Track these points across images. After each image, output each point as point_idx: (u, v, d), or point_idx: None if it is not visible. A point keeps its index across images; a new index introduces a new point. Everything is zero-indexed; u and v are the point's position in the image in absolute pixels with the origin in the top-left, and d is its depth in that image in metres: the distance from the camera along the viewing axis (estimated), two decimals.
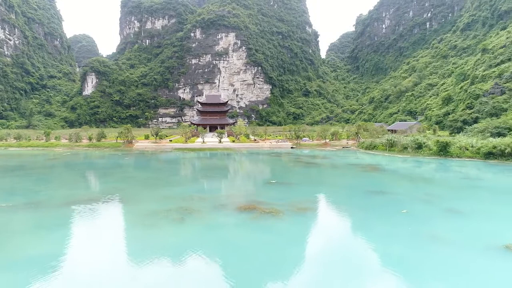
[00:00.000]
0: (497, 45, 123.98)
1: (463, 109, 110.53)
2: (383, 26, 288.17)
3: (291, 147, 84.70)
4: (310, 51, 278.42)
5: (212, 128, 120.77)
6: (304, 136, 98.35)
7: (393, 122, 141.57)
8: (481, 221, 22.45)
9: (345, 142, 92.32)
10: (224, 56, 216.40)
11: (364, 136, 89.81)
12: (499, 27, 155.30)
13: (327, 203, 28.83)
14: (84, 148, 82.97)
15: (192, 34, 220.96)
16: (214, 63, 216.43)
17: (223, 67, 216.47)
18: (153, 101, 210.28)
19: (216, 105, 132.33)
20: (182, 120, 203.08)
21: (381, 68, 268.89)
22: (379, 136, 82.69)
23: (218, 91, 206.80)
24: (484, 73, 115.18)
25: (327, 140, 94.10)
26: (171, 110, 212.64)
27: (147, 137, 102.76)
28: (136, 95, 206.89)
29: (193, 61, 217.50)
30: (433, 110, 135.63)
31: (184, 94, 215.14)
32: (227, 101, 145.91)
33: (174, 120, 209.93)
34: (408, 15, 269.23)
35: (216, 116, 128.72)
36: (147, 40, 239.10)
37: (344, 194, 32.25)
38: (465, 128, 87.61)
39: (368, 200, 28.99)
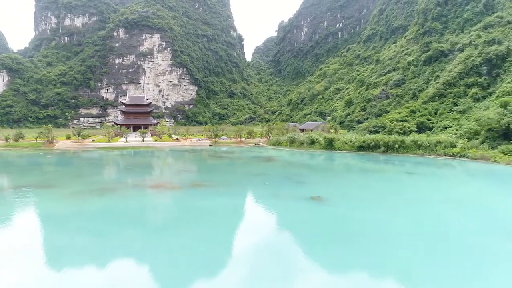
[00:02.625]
0: (386, 57, 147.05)
1: (358, 111, 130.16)
2: (302, 33, 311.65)
3: (210, 145, 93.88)
4: (235, 54, 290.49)
5: (136, 128, 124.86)
6: (222, 135, 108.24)
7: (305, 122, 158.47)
8: (310, 187, 34.10)
9: (258, 140, 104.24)
10: (149, 56, 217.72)
11: (275, 135, 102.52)
12: (392, 41, 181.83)
13: (218, 181, 38.57)
14: (0, 149, 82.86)
15: (115, 34, 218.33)
16: (139, 63, 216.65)
17: (148, 67, 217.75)
18: (73, 101, 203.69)
19: (139, 105, 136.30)
20: (105, 120, 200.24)
21: (300, 72, 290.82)
22: (286, 134, 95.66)
23: (143, 91, 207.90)
24: (375, 80, 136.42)
25: (243, 138, 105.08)
26: (94, 110, 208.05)
27: (68, 137, 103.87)
28: (54, 94, 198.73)
29: (117, 60, 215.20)
30: (338, 112, 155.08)
31: (107, 94, 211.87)
32: (151, 102, 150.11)
33: (97, 120, 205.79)
34: (323, 25, 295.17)
35: (140, 117, 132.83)
36: (66, 38, 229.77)
37: (234, 176, 42.55)
38: (355, 127, 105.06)
39: (248, 178, 39.59)
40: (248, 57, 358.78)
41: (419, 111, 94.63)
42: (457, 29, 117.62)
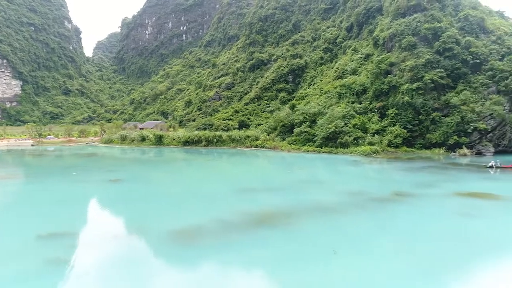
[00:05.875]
0: (221, 62, 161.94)
1: (195, 111, 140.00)
2: (147, 32, 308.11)
3: (32, 145, 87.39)
4: (71, 47, 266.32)
5: None
6: (49, 134, 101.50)
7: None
8: (115, 173, 39.30)
9: (90, 139, 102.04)
10: None
11: (109, 133, 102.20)
12: (228, 48, 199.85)
13: (26, 173, 39.69)
14: None
15: None
16: None
17: None
18: None
19: None
20: None
21: (145, 71, 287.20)
22: (118, 132, 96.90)
23: None
24: (211, 83, 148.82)
25: (74, 138, 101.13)
26: None
27: None
28: None
29: None
30: (179, 111, 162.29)
31: None
32: None
33: None
34: (168, 26, 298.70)
35: None
36: None
37: (47, 169, 44.05)
38: (187, 124, 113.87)
39: (61, 170, 42.02)
40: (89, 52, 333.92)
41: (241, 111, 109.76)
42: (274, 42, 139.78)
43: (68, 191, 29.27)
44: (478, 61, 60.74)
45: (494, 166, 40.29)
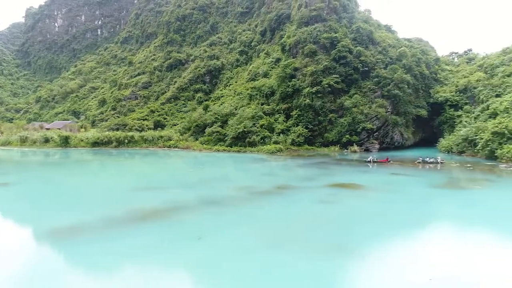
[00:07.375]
0: (138, 60, 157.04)
1: (110, 110, 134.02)
2: (56, 24, 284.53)
3: None
4: None
5: None
6: None
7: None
8: (2, 177, 37.27)
9: None
10: None
11: (7, 134, 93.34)
12: (146, 46, 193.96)
13: None
14: None
15: None
16: None
17: None
18: None
19: None
20: None
21: (55, 67, 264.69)
22: (17, 133, 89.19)
23: None
24: (127, 81, 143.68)
25: None
26: None
27: None
28: None
29: None
30: (92, 111, 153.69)
31: None
32: None
33: None
34: (80, 19, 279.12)
35: None
36: None
37: None
38: (99, 125, 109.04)
39: None
40: None
41: (157, 111, 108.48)
42: (192, 43, 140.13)
43: None
44: (366, 69, 69.10)
45: (371, 161, 46.85)
